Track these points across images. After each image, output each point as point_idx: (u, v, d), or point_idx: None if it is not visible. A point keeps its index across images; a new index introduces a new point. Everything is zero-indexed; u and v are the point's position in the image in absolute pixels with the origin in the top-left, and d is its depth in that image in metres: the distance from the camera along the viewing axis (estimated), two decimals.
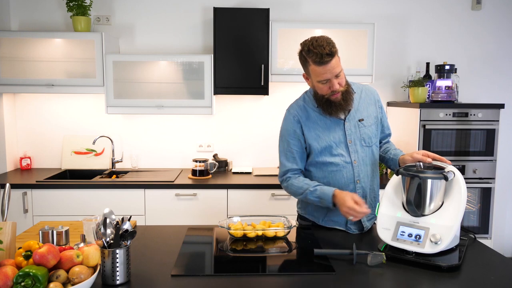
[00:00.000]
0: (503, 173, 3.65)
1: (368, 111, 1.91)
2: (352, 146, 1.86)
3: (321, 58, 1.71)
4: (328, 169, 1.87)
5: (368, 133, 1.89)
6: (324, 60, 1.71)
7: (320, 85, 1.79)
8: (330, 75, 1.74)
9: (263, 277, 1.44)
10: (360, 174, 1.87)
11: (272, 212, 2.22)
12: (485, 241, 3.17)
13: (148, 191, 2.97)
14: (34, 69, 3.13)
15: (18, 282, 1.18)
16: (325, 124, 1.87)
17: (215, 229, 1.93)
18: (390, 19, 3.53)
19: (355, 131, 1.87)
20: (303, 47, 1.80)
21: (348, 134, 1.86)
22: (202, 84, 3.16)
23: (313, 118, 1.89)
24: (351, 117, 1.88)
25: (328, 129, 1.87)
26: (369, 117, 1.91)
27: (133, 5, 3.44)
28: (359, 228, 1.90)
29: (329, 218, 1.93)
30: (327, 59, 1.71)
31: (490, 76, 3.62)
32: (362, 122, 1.88)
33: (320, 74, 1.75)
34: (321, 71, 1.74)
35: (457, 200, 1.56)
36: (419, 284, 1.38)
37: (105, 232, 1.36)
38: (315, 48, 1.73)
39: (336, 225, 1.92)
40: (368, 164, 1.89)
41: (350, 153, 1.86)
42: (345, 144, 1.86)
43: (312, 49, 1.74)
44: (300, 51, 1.82)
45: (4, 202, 1.63)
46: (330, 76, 1.75)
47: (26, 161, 3.44)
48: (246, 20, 3.11)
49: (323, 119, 1.88)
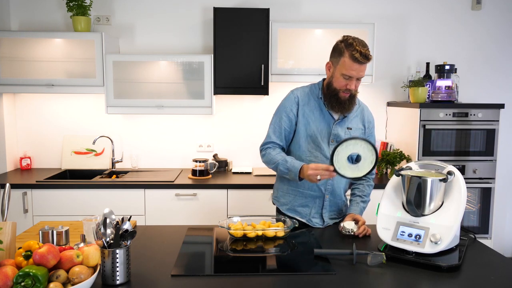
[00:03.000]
0: (503, 173, 3.65)
1: (358, 125, 2.03)
2: (333, 145, 1.97)
3: (360, 55, 1.80)
4: (308, 158, 1.97)
5: None
6: (360, 60, 1.81)
7: (341, 78, 1.88)
8: (356, 74, 1.85)
9: (263, 277, 1.44)
10: None
11: (272, 212, 2.23)
12: (485, 241, 3.17)
13: (148, 191, 2.97)
14: (34, 69, 3.13)
15: (18, 282, 1.18)
16: (319, 116, 1.98)
17: (215, 229, 1.93)
18: (390, 19, 3.53)
19: (340, 134, 1.97)
20: (345, 40, 1.87)
21: (333, 133, 1.97)
22: (202, 84, 3.17)
23: (311, 106, 1.99)
24: (342, 122, 1.99)
25: (319, 122, 1.97)
26: (357, 129, 2.02)
27: (133, 5, 3.44)
28: (321, 222, 2.01)
29: (294, 208, 2.03)
30: (363, 60, 1.82)
31: (490, 76, 3.62)
32: (350, 131, 2.00)
33: (350, 70, 1.84)
34: (352, 67, 1.83)
35: (457, 200, 1.56)
36: (419, 284, 1.38)
37: (105, 232, 1.36)
38: (358, 45, 1.82)
39: (299, 216, 2.02)
40: None
41: (330, 151, 1.96)
42: (327, 141, 1.97)
43: (355, 45, 1.82)
44: (340, 42, 1.90)
45: (4, 202, 1.63)
46: (356, 75, 1.85)
47: (26, 161, 3.44)
48: (246, 20, 3.11)
49: (319, 111, 1.98)
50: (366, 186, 2.07)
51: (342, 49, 1.85)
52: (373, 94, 3.56)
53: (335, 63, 1.90)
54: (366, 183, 2.08)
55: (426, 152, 3.09)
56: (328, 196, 2.01)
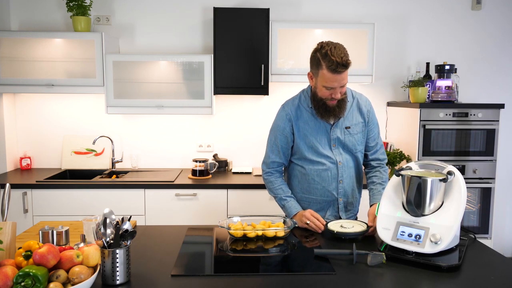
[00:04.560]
0: (503, 173, 3.65)
1: (357, 119, 1.99)
2: (336, 149, 1.97)
3: (336, 67, 1.74)
4: (315, 167, 1.98)
5: (353, 141, 1.99)
6: (338, 70, 1.75)
7: (323, 89, 1.84)
8: (337, 84, 1.80)
9: (263, 277, 1.44)
10: (344, 174, 1.99)
11: (272, 212, 2.23)
12: (485, 241, 3.17)
13: (148, 191, 2.97)
14: (34, 69, 3.13)
15: (18, 282, 1.18)
16: (314, 125, 1.97)
17: (215, 229, 1.93)
18: (390, 19, 3.53)
19: (340, 137, 1.96)
20: (320, 49, 1.80)
21: (332, 139, 1.97)
22: (202, 84, 3.16)
23: (305, 118, 1.98)
24: (339, 124, 1.97)
25: (316, 131, 1.96)
26: (356, 125, 1.99)
27: (133, 5, 3.44)
28: None
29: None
30: (341, 70, 1.76)
31: (490, 76, 3.62)
32: (349, 130, 1.98)
33: (330, 81, 1.79)
34: (332, 78, 1.78)
35: (457, 200, 1.56)
36: (419, 284, 1.38)
37: (105, 232, 1.36)
38: (333, 55, 1.74)
39: None
40: (352, 166, 2.01)
41: (335, 155, 1.97)
42: (329, 147, 1.97)
43: (329, 55, 1.75)
44: (315, 52, 1.83)
45: (4, 202, 1.63)
46: (338, 85, 1.81)
47: (26, 161, 3.44)
48: (246, 20, 3.11)
49: (314, 120, 1.97)
50: (382, 172, 2.07)
51: (319, 60, 1.79)
52: (373, 94, 3.56)
53: (315, 74, 1.86)
54: (381, 168, 2.08)
55: (426, 152, 3.09)
56: (342, 199, 2.02)
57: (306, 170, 2.00)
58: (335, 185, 1.99)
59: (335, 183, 1.99)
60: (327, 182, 1.98)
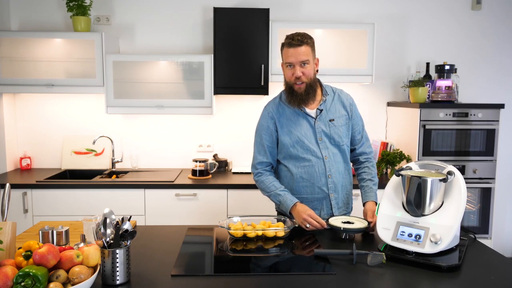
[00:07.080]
0: (503, 173, 3.65)
1: (340, 112, 2.04)
2: (322, 143, 2.00)
3: (291, 39, 1.91)
4: (301, 164, 2.01)
5: (339, 133, 2.02)
6: (293, 43, 1.91)
7: (287, 70, 1.98)
8: (294, 59, 1.92)
9: (263, 277, 1.44)
10: (332, 169, 2.00)
11: (272, 212, 2.23)
12: (485, 241, 3.17)
13: (148, 191, 2.97)
14: (34, 69, 3.13)
15: (18, 282, 1.18)
16: (297, 120, 2.01)
17: (215, 229, 1.93)
18: (390, 19, 3.53)
19: (325, 130, 2.00)
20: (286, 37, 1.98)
21: (318, 132, 1.99)
22: (202, 84, 3.16)
23: (287, 115, 2.03)
24: (322, 117, 2.01)
25: (300, 125, 2.00)
26: (340, 117, 2.04)
27: (133, 5, 3.44)
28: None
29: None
30: (295, 43, 1.90)
31: (490, 76, 3.62)
32: (333, 122, 2.02)
33: (287, 56, 1.94)
34: (288, 53, 1.93)
35: (457, 200, 1.56)
36: (419, 284, 1.38)
37: (105, 232, 1.36)
38: (293, 34, 1.95)
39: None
40: (339, 161, 2.03)
41: (321, 150, 1.99)
42: (315, 141, 2.00)
43: (289, 35, 1.96)
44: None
45: (4, 202, 1.63)
46: (294, 60, 1.92)
47: (26, 161, 3.44)
48: (246, 20, 3.11)
49: (296, 115, 2.02)
50: (371, 167, 2.10)
51: (282, 44, 1.98)
52: (373, 94, 3.56)
53: (282, 60, 2.01)
54: (369, 163, 2.11)
55: (426, 152, 3.09)
56: (333, 195, 2.02)
57: (291, 170, 2.02)
58: (324, 180, 2.00)
59: (324, 178, 2.00)
60: (316, 178, 1.99)
